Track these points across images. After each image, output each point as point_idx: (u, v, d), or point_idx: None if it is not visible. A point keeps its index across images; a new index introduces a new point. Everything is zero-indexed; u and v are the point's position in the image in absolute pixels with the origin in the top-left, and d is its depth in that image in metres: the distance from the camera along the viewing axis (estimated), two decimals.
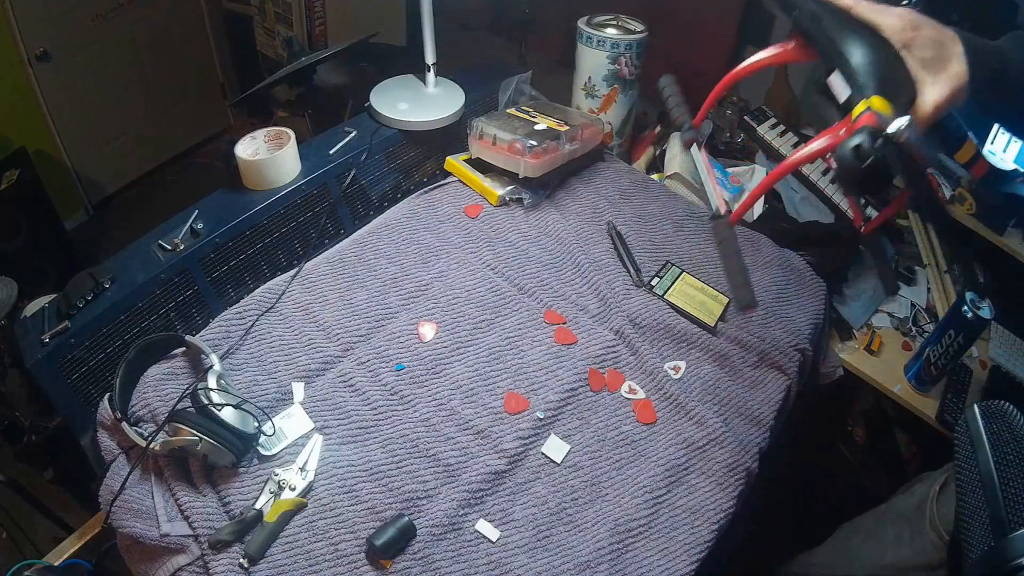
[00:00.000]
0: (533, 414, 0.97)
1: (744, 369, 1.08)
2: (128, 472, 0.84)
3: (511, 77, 1.45)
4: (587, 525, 0.88)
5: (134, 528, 0.80)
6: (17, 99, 2.29)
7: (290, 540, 0.81)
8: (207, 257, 1.05)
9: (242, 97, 2.62)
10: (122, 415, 0.86)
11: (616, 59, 1.37)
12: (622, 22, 1.41)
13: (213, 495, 0.84)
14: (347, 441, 0.92)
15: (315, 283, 1.10)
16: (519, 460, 0.92)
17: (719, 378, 1.06)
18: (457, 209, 1.26)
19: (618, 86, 1.41)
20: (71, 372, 0.93)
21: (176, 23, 2.76)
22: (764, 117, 1.51)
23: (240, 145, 1.13)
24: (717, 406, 1.02)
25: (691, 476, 0.95)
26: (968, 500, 0.37)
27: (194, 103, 2.98)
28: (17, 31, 2.20)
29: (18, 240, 2.09)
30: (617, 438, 0.97)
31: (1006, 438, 0.37)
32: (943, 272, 1.46)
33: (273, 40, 2.57)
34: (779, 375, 1.08)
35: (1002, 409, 0.38)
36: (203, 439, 0.80)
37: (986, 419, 0.38)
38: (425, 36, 1.27)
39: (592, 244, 1.23)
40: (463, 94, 1.34)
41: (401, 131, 1.28)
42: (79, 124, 2.52)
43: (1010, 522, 0.34)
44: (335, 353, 1.01)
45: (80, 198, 2.66)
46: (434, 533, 0.83)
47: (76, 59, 2.42)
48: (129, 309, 0.97)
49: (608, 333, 1.09)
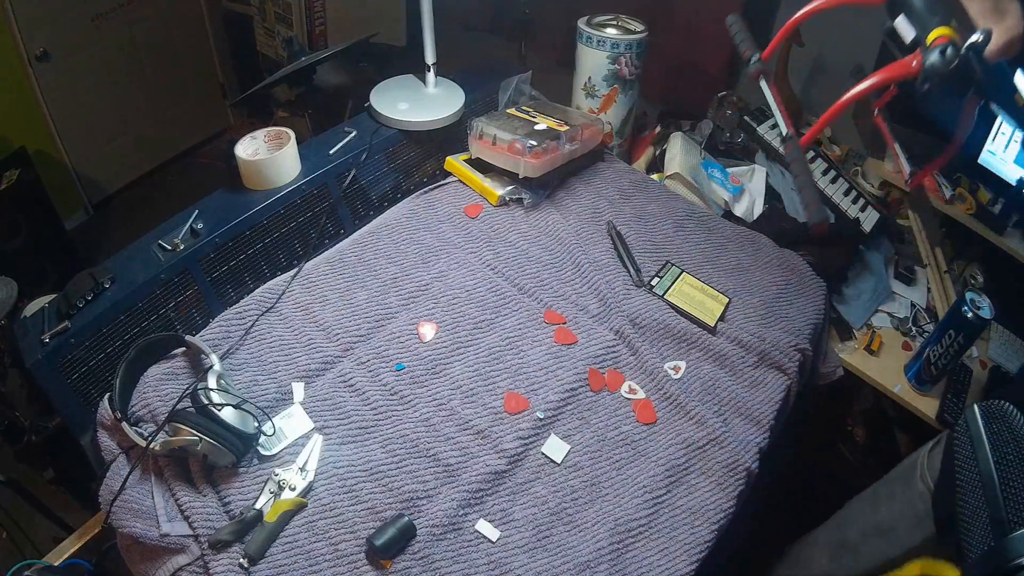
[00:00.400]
0: (533, 414, 0.97)
1: (744, 369, 1.08)
2: (128, 472, 0.84)
3: (511, 77, 1.45)
4: (587, 525, 0.88)
5: (134, 528, 0.80)
6: (17, 99, 2.29)
7: (290, 540, 0.81)
8: (207, 257, 1.05)
9: (242, 97, 2.62)
10: (122, 415, 0.86)
11: (616, 59, 1.37)
12: (622, 22, 1.41)
13: (213, 495, 0.84)
14: (347, 441, 0.92)
15: (315, 283, 1.10)
16: (519, 460, 0.92)
17: (719, 378, 1.06)
18: (457, 209, 1.26)
19: (618, 86, 1.41)
20: (71, 372, 0.93)
21: (176, 23, 2.76)
22: (764, 117, 1.51)
23: (240, 145, 1.13)
24: (717, 406, 1.02)
25: (691, 476, 0.95)
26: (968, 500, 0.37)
27: (194, 103, 2.97)
28: (17, 31, 2.20)
29: (18, 240, 2.09)
30: (617, 438, 0.97)
31: (1006, 438, 0.37)
32: (943, 272, 1.46)
33: (273, 40, 2.57)
34: (779, 375, 1.08)
35: (1002, 409, 0.38)
36: (203, 439, 0.80)
37: (986, 419, 0.38)
38: (425, 36, 1.27)
39: (592, 244, 1.23)
40: (463, 94, 1.34)
41: (401, 131, 1.28)
42: (79, 124, 2.52)
43: (1010, 522, 0.34)
44: (335, 353, 1.01)
45: (80, 198, 2.66)
46: (434, 533, 0.83)
47: (76, 59, 2.42)
48: (129, 309, 0.97)
49: (608, 333, 1.09)
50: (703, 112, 1.56)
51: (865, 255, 1.39)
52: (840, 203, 1.40)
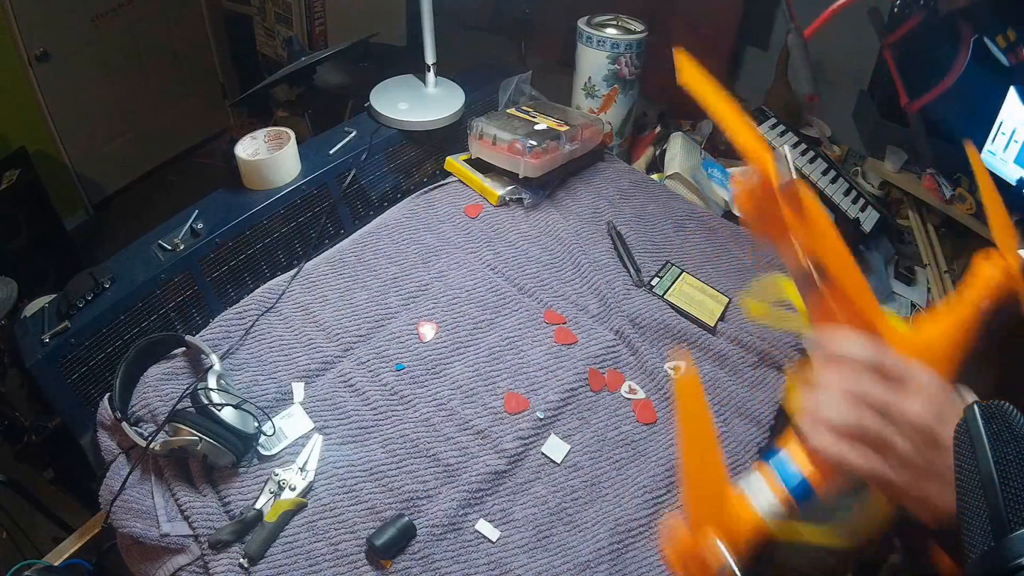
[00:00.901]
0: (533, 414, 0.97)
1: (744, 369, 1.08)
2: (128, 472, 0.84)
3: (511, 77, 1.45)
4: (587, 525, 0.88)
5: (134, 528, 0.80)
6: (17, 99, 2.29)
7: (290, 540, 0.81)
8: (207, 257, 1.05)
9: (242, 97, 2.62)
10: (122, 415, 0.86)
11: (616, 59, 1.37)
12: (622, 22, 1.41)
13: (213, 495, 0.84)
14: (347, 441, 0.92)
15: (315, 283, 1.10)
16: (519, 460, 0.92)
17: (719, 378, 1.06)
18: (457, 209, 1.26)
19: (618, 86, 1.41)
20: (71, 372, 0.93)
21: (176, 23, 2.76)
22: (764, 117, 1.51)
23: (240, 145, 1.13)
24: (717, 406, 1.02)
25: None
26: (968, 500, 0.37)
27: (194, 103, 2.98)
28: (17, 31, 2.20)
29: (18, 240, 2.09)
30: (617, 438, 0.97)
31: (1006, 438, 0.36)
32: (943, 272, 1.46)
33: (273, 40, 2.57)
34: (779, 375, 1.08)
35: (1002, 409, 0.37)
36: (203, 439, 0.80)
37: (986, 419, 0.37)
38: (425, 36, 1.27)
39: (592, 244, 1.23)
40: (463, 94, 1.34)
41: (401, 131, 1.28)
42: (79, 124, 2.52)
43: (1010, 522, 0.34)
44: (335, 353, 1.01)
45: (80, 198, 2.66)
46: (434, 533, 0.83)
47: (76, 59, 2.42)
48: (129, 309, 0.97)
49: (608, 333, 1.09)
50: (703, 112, 1.55)
51: (865, 255, 1.39)
52: (840, 203, 1.40)
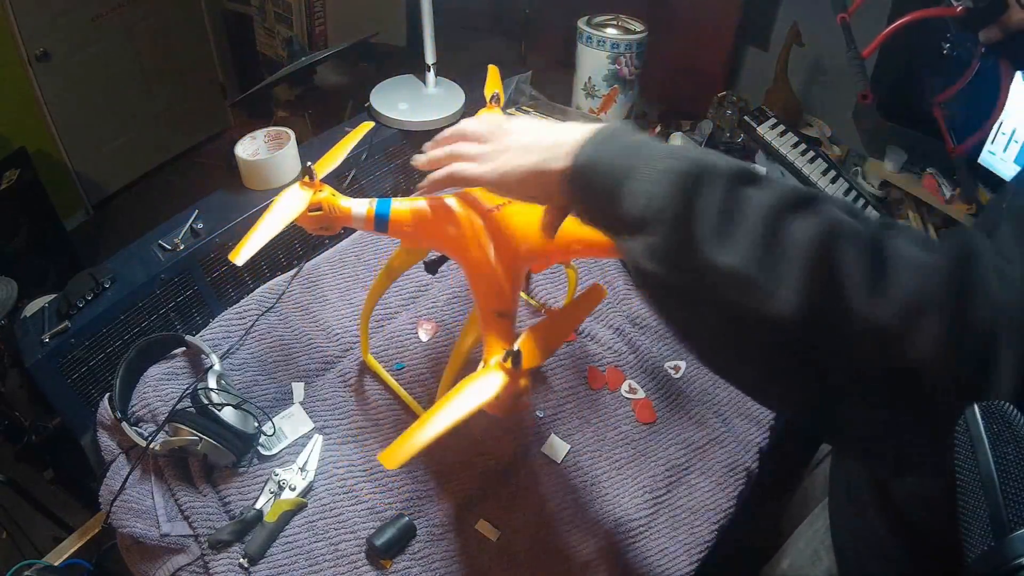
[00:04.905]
0: (533, 413, 0.97)
1: None
2: (128, 472, 0.84)
3: (511, 77, 1.45)
4: (587, 525, 0.87)
5: (134, 528, 0.80)
6: (17, 99, 2.29)
7: (290, 540, 0.81)
8: (207, 257, 1.05)
9: (242, 97, 2.62)
10: (122, 415, 0.86)
11: (616, 59, 1.37)
12: (622, 22, 1.40)
13: (213, 495, 0.84)
14: (347, 441, 0.92)
15: (315, 283, 1.10)
16: (519, 460, 0.92)
17: (719, 378, 1.06)
18: None
19: (618, 86, 1.41)
20: (71, 372, 0.93)
21: (176, 23, 2.75)
22: (764, 117, 1.50)
23: (240, 145, 1.13)
24: (717, 406, 1.02)
25: (691, 476, 0.95)
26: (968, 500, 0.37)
27: (194, 103, 2.97)
28: (17, 31, 2.20)
29: (18, 240, 2.09)
30: (617, 438, 0.97)
31: (1006, 438, 0.36)
32: None
33: (273, 40, 2.57)
34: None
35: (1002, 409, 0.37)
36: (203, 439, 0.80)
37: (986, 419, 0.37)
38: (425, 36, 1.27)
39: None
40: (463, 94, 1.34)
41: (401, 131, 1.28)
42: (79, 124, 2.52)
43: (1010, 522, 0.34)
44: (335, 353, 1.01)
45: (80, 198, 2.66)
46: (434, 533, 0.83)
47: (76, 59, 2.42)
48: (129, 309, 0.97)
49: (608, 332, 1.09)
50: (703, 112, 1.56)
51: None
52: None
